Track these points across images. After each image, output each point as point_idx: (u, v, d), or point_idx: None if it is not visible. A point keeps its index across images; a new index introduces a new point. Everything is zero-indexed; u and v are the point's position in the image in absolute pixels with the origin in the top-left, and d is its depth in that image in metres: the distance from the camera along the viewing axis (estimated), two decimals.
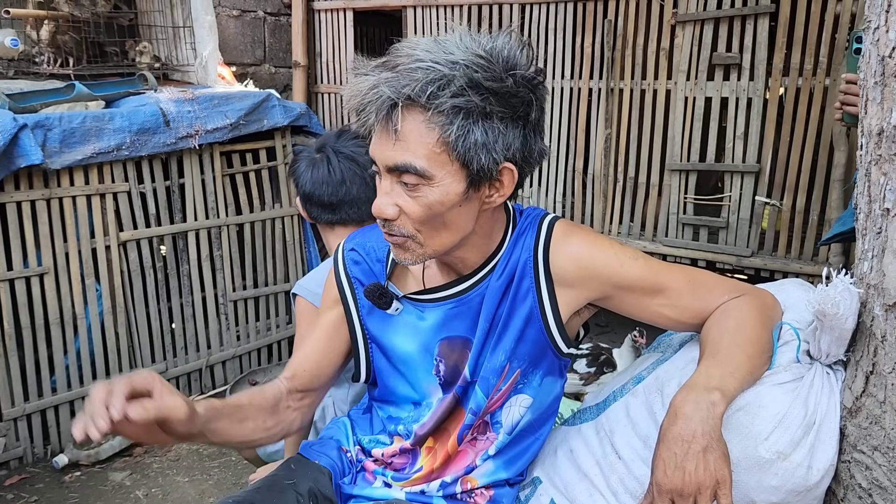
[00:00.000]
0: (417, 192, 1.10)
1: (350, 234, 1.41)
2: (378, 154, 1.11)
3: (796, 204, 2.80)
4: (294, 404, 1.32)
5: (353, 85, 1.09)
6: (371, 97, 1.06)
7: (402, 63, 1.06)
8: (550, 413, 1.40)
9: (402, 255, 1.18)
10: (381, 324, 1.32)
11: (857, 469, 1.09)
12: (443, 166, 1.08)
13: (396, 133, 1.07)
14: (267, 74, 4.30)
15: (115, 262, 2.82)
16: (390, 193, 1.12)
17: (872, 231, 1.08)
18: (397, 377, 1.34)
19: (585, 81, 3.22)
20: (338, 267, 1.36)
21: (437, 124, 1.06)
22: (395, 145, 1.08)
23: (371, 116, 1.08)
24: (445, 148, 1.07)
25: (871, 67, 1.07)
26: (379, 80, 1.06)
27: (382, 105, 1.06)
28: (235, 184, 3.21)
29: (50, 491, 2.50)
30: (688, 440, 1.01)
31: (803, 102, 2.72)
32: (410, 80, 1.04)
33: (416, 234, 1.14)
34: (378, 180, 1.15)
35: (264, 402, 1.26)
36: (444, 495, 1.34)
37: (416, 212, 1.11)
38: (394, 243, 1.17)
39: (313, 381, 1.34)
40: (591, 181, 3.29)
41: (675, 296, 1.23)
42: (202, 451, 2.76)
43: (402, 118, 1.06)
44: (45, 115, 2.55)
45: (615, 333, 3.69)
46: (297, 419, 1.34)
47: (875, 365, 1.07)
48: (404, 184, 1.10)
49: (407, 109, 1.06)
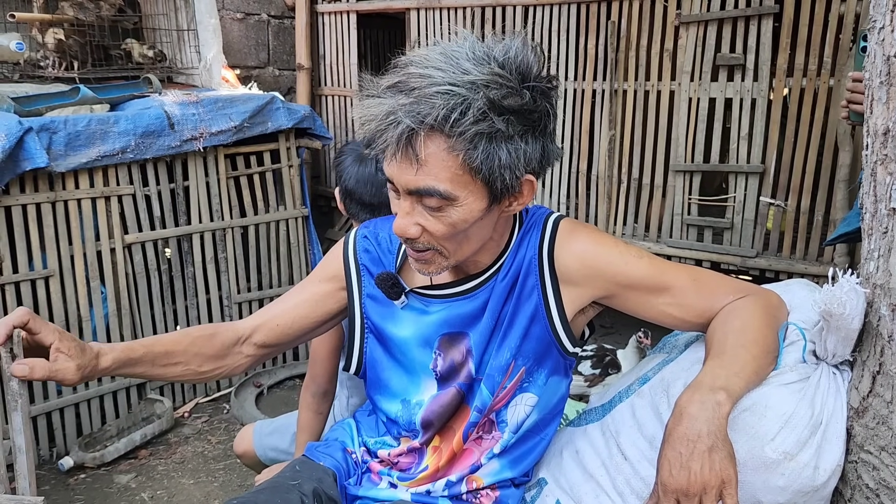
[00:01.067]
0: (441, 213, 1.10)
1: (365, 222, 1.42)
2: (397, 177, 1.09)
3: (801, 204, 2.79)
4: (247, 351, 1.35)
5: (366, 108, 1.06)
6: (388, 123, 1.04)
7: (418, 86, 1.03)
8: (556, 413, 1.40)
9: (427, 268, 1.18)
10: (382, 314, 1.33)
11: (865, 469, 1.09)
12: (465, 186, 1.07)
13: (418, 160, 1.05)
14: (271, 77, 4.31)
15: (121, 265, 2.83)
16: (412, 213, 1.11)
17: (878, 231, 1.08)
18: (393, 368, 1.34)
19: (589, 83, 3.22)
20: (347, 250, 1.37)
21: (460, 150, 1.04)
22: (418, 171, 1.06)
23: (388, 143, 1.05)
24: (468, 170, 1.06)
25: (876, 67, 1.07)
26: (395, 106, 1.03)
27: (402, 134, 1.03)
28: (240, 186, 3.22)
29: (55, 493, 2.51)
30: (693, 440, 1.01)
31: (807, 103, 2.72)
32: (430, 108, 1.01)
33: (442, 248, 1.15)
34: (394, 198, 1.14)
35: (208, 348, 1.29)
36: (450, 495, 1.34)
37: (440, 230, 1.11)
38: (418, 259, 1.17)
39: (280, 338, 1.36)
40: (595, 182, 3.29)
41: (679, 294, 1.23)
42: (207, 454, 2.77)
43: (424, 145, 1.04)
44: (50, 119, 2.56)
45: (619, 335, 3.69)
46: (243, 366, 1.37)
47: (882, 365, 1.07)
48: (426, 205, 1.10)
49: (428, 136, 1.04)
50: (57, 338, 1.12)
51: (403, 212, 1.11)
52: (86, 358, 1.13)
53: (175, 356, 1.26)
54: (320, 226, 4.03)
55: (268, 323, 1.35)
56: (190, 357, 1.27)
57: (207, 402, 3.17)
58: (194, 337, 1.29)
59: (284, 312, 1.36)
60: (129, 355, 1.20)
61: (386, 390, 1.36)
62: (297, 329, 1.37)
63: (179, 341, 1.27)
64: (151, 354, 1.23)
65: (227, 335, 1.32)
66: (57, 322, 2.65)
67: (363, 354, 1.36)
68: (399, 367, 1.34)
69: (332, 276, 1.37)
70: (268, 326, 1.35)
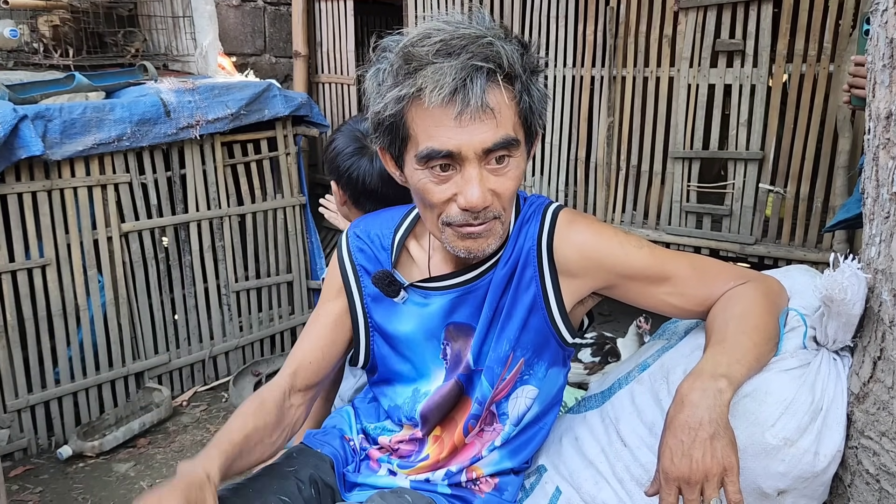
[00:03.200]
0: (506, 168, 1.11)
1: (355, 221, 1.40)
2: (468, 141, 1.06)
3: (800, 191, 2.78)
4: (298, 401, 1.31)
5: (433, 74, 1.04)
6: (466, 77, 1.03)
7: (467, 43, 1.05)
8: (555, 403, 1.39)
9: (486, 242, 1.15)
10: (385, 313, 1.32)
11: (865, 455, 1.08)
12: (519, 134, 1.12)
13: (494, 112, 1.06)
14: (267, 64, 4.28)
15: (117, 254, 2.82)
16: (482, 181, 1.09)
17: (880, 215, 1.07)
18: (402, 362, 1.33)
19: (588, 69, 3.20)
20: (342, 254, 1.35)
21: (517, 94, 1.09)
22: (497, 123, 1.07)
23: (466, 102, 1.04)
24: (519, 116, 1.11)
25: (878, 50, 1.06)
26: (463, 62, 1.04)
27: (480, 86, 1.04)
28: (237, 174, 3.20)
29: (54, 482, 2.51)
30: (695, 428, 1.01)
31: (807, 89, 2.70)
32: (496, 55, 1.05)
33: (502, 213, 1.14)
34: (441, 179, 1.10)
35: (268, 417, 1.23)
36: (449, 484, 1.34)
37: (509, 188, 1.12)
38: (479, 233, 1.13)
39: (318, 373, 1.33)
40: (594, 170, 3.28)
41: (680, 284, 1.22)
42: (206, 442, 2.76)
43: (496, 96, 1.06)
44: (45, 106, 2.54)
45: (618, 322, 3.69)
46: (301, 416, 1.33)
47: (883, 350, 1.06)
48: (496, 161, 1.09)
49: (498, 85, 1.06)
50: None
51: (476, 181, 1.08)
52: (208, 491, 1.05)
53: (250, 440, 1.18)
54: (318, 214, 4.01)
55: (301, 365, 1.31)
56: (260, 433, 1.21)
57: (206, 391, 3.17)
58: (251, 415, 1.22)
59: (312, 349, 1.33)
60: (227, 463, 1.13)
61: (398, 379, 1.35)
62: (332, 356, 1.34)
63: (245, 425, 1.19)
64: (237, 449, 1.16)
65: (273, 397, 1.26)
66: (54, 311, 2.64)
67: (370, 350, 1.36)
68: (407, 361, 1.33)
69: (338, 288, 1.35)
70: (303, 368, 1.31)
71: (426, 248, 1.31)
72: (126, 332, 2.88)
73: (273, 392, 1.27)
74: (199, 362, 3.17)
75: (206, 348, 3.18)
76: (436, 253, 1.29)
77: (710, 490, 0.98)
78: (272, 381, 1.31)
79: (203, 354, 3.17)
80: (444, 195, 1.11)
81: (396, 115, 1.11)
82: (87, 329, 2.76)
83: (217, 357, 3.24)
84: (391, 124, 1.12)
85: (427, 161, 1.09)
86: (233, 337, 3.27)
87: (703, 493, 0.99)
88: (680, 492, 1.01)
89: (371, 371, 1.40)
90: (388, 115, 1.11)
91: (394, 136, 1.14)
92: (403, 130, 1.12)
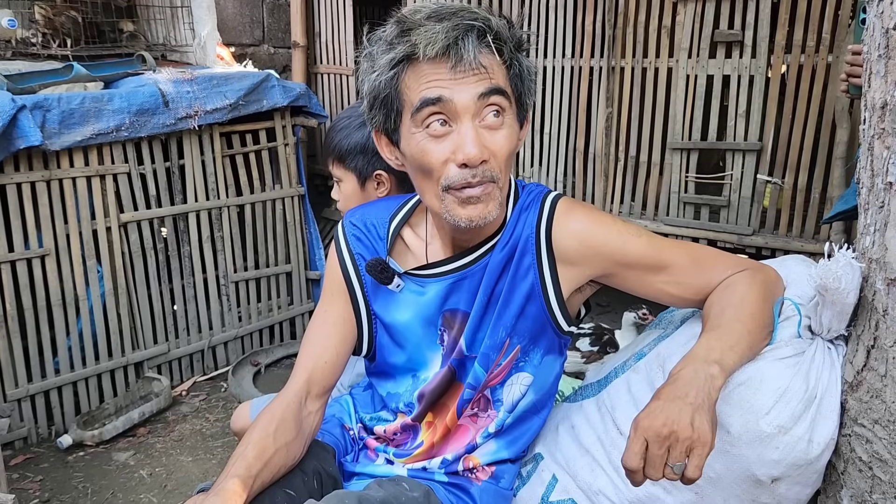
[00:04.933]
0: (500, 126, 1.13)
1: (350, 210, 1.40)
2: (459, 94, 1.09)
3: (798, 182, 2.79)
4: (315, 407, 1.28)
5: (424, 32, 1.09)
6: (455, 36, 1.08)
7: (457, 10, 1.11)
8: (551, 394, 1.40)
9: (485, 209, 1.14)
10: (384, 302, 1.32)
11: (858, 442, 1.09)
12: (508, 97, 1.14)
13: (483, 66, 1.10)
14: (266, 55, 4.27)
15: (116, 244, 2.82)
16: (475, 136, 1.10)
17: (875, 205, 1.08)
18: (398, 352, 1.34)
19: (586, 60, 3.19)
20: (339, 245, 1.35)
21: (507, 60, 1.13)
22: (487, 75, 1.10)
23: (458, 56, 1.08)
24: (511, 83, 1.15)
25: (874, 40, 1.06)
26: (455, 22, 1.09)
27: (470, 43, 1.08)
28: (235, 165, 3.20)
29: (55, 470, 2.52)
30: (680, 396, 0.99)
31: (805, 80, 2.70)
32: (485, 20, 1.10)
33: (499, 177, 1.15)
34: (438, 136, 1.12)
35: (287, 431, 1.20)
36: (446, 472, 1.35)
37: (503, 147, 1.13)
38: (478, 195, 1.13)
39: (335, 372, 1.30)
40: (592, 160, 3.28)
41: (678, 272, 1.22)
42: (205, 432, 2.78)
43: (484, 55, 1.10)
44: (43, 96, 2.54)
45: (616, 313, 3.70)
46: (319, 421, 1.30)
47: (876, 339, 1.07)
48: (491, 110, 1.11)
49: (486, 47, 1.11)
50: None
51: (472, 134, 1.10)
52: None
53: (269, 454, 1.15)
54: (316, 205, 4.02)
55: (316, 368, 1.28)
56: (281, 447, 1.17)
57: (205, 381, 3.18)
58: (270, 432, 1.18)
59: (326, 348, 1.30)
60: (251, 481, 1.11)
61: (397, 367, 1.36)
62: (345, 353, 1.32)
63: (265, 444, 1.16)
64: (259, 466, 1.13)
65: (291, 411, 1.22)
66: (53, 301, 2.65)
67: (373, 339, 1.36)
68: (405, 350, 1.33)
69: (340, 284, 1.33)
70: (319, 371, 1.28)
71: (423, 237, 1.31)
72: (125, 322, 2.89)
73: (289, 405, 1.23)
74: (198, 352, 3.18)
75: (206, 338, 3.19)
76: (433, 240, 1.30)
77: (675, 452, 0.95)
78: (283, 395, 1.25)
79: (202, 345, 3.18)
80: (442, 155, 1.12)
81: (391, 83, 1.13)
82: (86, 319, 2.77)
83: (216, 347, 3.25)
84: (385, 97, 1.14)
85: (422, 114, 1.11)
86: (232, 327, 3.28)
87: (668, 452, 0.96)
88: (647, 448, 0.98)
89: (370, 359, 1.40)
90: (383, 84, 1.13)
91: (388, 110, 1.16)
92: (398, 102, 1.14)
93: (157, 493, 2.40)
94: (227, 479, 1.08)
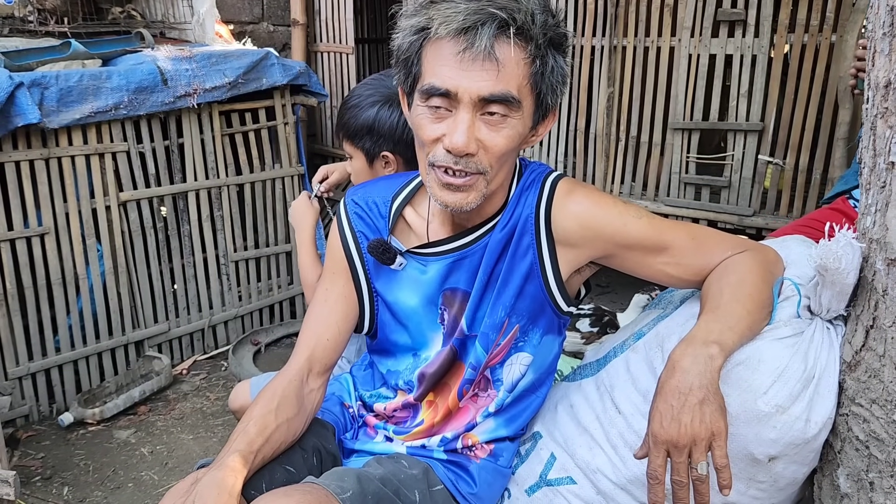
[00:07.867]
0: (502, 125, 1.10)
1: (352, 188, 1.40)
2: (466, 85, 1.07)
3: (799, 163, 2.78)
4: (316, 384, 1.28)
5: (445, 9, 1.06)
6: (476, 21, 1.04)
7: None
8: (550, 372, 1.41)
9: (466, 197, 1.14)
10: (386, 280, 1.32)
11: (855, 422, 1.10)
12: (524, 98, 1.11)
13: (498, 63, 1.06)
14: (265, 33, 4.24)
15: (116, 223, 2.82)
16: (471, 127, 1.09)
17: (876, 185, 1.07)
18: (400, 330, 1.34)
19: (588, 39, 3.17)
20: (342, 223, 1.35)
21: (530, 57, 1.08)
22: (498, 75, 1.06)
23: (470, 44, 1.05)
24: (530, 81, 1.10)
25: (879, 18, 1.05)
26: (482, 4, 1.05)
27: (490, 34, 1.04)
28: (235, 144, 3.19)
29: (56, 448, 2.54)
30: (685, 393, 1.02)
31: (808, 59, 2.68)
32: (515, 10, 1.05)
33: (488, 170, 1.13)
34: (439, 116, 1.10)
35: (289, 408, 1.20)
36: (445, 450, 1.35)
37: (499, 145, 1.11)
38: (459, 185, 1.12)
39: (337, 350, 1.31)
40: (593, 140, 3.27)
41: (678, 254, 1.22)
42: (206, 410, 2.79)
43: (504, 49, 1.06)
44: (41, 74, 2.52)
45: (616, 294, 3.70)
46: (321, 398, 1.31)
47: (875, 319, 1.07)
48: (490, 114, 1.09)
49: (509, 40, 1.06)
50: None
51: (464, 126, 1.08)
52: None
53: (272, 432, 1.16)
54: None
55: (318, 345, 1.28)
56: (283, 424, 1.18)
57: (205, 360, 3.19)
58: (272, 409, 1.18)
59: (328, 326, 1.30)
60: (252, 456, 1.11)
61: (398, 345, 1.36)
62: (347, 330, 1.33)
63: (266, 422, 1.16)
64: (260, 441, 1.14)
65: (292, 385, 1.23)
66: (53, 280, 2.65)
67: (375, 316, 1.36)
68: (407, 328, 1.34)
69: (341, 261, 1.33)
70: (321, 348, 1.28)
71: (425, 215, 1.31)
72: (126, 301, 2.89)
73: (291, 382, 1.23)
74: (198, 331, 3.19)
75: (206, 317, 3.20)
76: (434, 218, 1.30)
77: (697, 454, 1.00)
78: (285, 372, 1.26)
79: (202, 324, 3.18)
80: (434, 133, 1.12)
81: (411, 48, 1.12)
82: (86, 298, 2.77)
83: (216, 326, 3.25)
84: (407, 58, 1.14)
85: (427, 97, 1.10)
86: (232, 306, 3.29)
87: (690, 456, 1.01)
88: (668, 455, 1.02)
89: (372, 336, 1.41)
90: (406, 46, 1.13)
91: (408, 71, 1.15)
92: (417, 67, 1.13)
93: (157, 470, 2.42)
94: (229, 455, 1.09)
